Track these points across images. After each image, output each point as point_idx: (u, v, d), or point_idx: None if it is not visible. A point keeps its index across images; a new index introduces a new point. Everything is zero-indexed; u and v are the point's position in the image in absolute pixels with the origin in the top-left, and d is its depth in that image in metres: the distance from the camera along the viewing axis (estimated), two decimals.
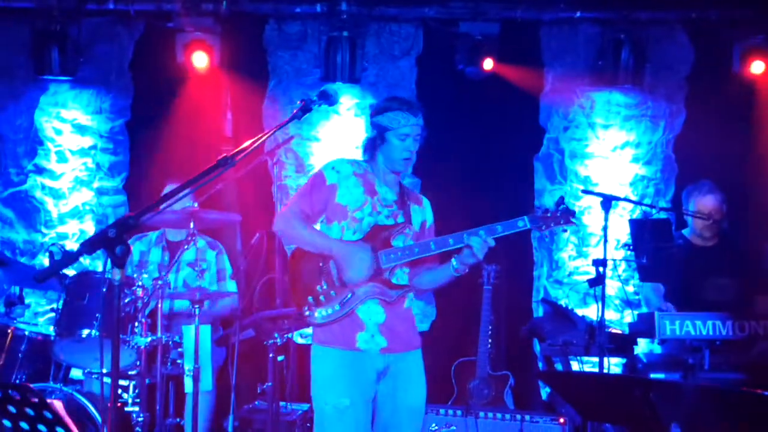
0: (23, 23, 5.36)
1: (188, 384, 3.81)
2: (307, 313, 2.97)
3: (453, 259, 2.98)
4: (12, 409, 2.22)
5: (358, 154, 3.23)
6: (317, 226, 3.10)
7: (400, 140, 3.00)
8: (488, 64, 5.18)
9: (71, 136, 5.58)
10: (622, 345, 4.39)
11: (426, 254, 2.97)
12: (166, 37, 5.30)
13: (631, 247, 4.24)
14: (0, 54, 5.49)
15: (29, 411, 2.22)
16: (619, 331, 4.69)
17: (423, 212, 3.18)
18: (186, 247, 3.92)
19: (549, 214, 2.97)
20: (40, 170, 5.57)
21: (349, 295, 2.95)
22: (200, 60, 5.23)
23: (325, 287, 2.97)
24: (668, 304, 4.23)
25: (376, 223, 3.01)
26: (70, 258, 1.95)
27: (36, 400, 2.17)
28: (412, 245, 3.00)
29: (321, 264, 2.98)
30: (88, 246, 1.91)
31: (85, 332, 3.71)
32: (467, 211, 5.37)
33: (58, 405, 2.40)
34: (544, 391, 5.13)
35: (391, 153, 3.03)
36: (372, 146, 3.08)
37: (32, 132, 5.56)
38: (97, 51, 5.48)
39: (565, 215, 2.98)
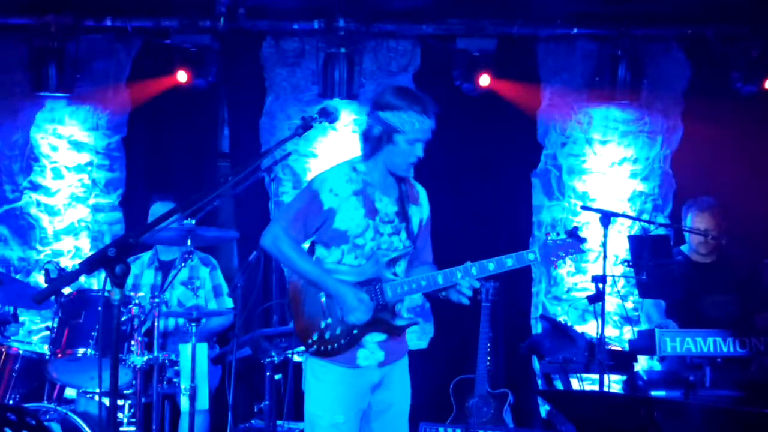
0: (20, 40, 5.36)
1: (184, 403, 3.77)
2: (312, 348, 2.87)
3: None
4: (8, 431, 2.18)
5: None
6: (307, 244, 2.95)
7: (410, 144, 2.78)
8: (485, 80, 5.19)
9: (67, 152, 5.55)
10: (622, 362, 4.36)
11: (432, 288, 2.84)
12: (163, 53, 5.29)
13: (631, 264, 4.22)
14: None
15: None
16: (619, 348, 4.67)
17: (421, 210, 3.03)
18: (183, 265, 3.89)
19: (559, 242, 2.81)
20: (35, 187, 5.54)
21: (355, 332, 2.86)
22: (197, 77, 5.22)
23: (330, 323, 2.86)
24: (669, 321, 4.21)
25: (379, 247, 2.88)
26: (69, 278, 1.92)
27: (33, 422, 2.13)
28: (419, 278, 2.84)
29: (323, 300, 2.87)
30: (88, 266, 1.88)
31: (81, 351, 3.66)
32: (465, 229, 5.38)
33: (56, 428, 2.36)
34: (544, 409, 5.09)
35: (395, 156, 2.82)
36: (375, 144, 2.82)
37: (28, 148, 5.54)
38: (95, 67, 5.47)
39: (575, 244, 2.81)
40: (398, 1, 5.21)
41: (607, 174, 5.48)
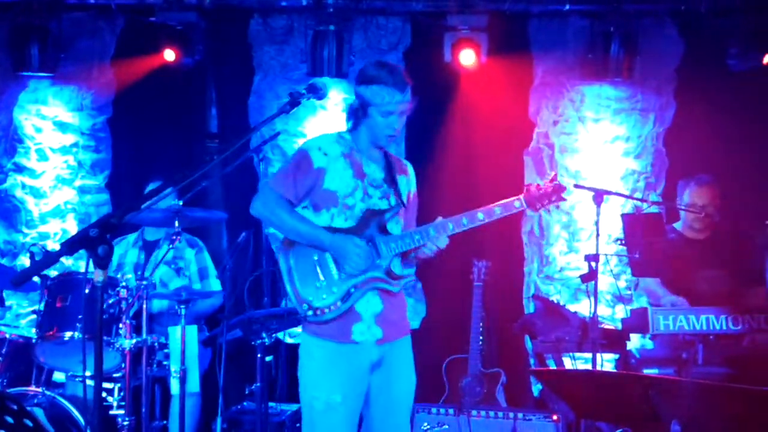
0: (3, 19, 5.23)
1: (174, 386, 3.73)
2: (308, 312, 2.80)
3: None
4: None
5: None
6: (302, 212, 2.91)
7: (383, 117, 2.83)
8: (475, 57, 5.12)
9: (52, 133, 5.46)
10: (614, 341, 4.35)
11: (425, 241, 2.84)
12: (148, 31, 5.18)
13: (623, 242, 4.20)
14: None
15: (8, 419, 2.13)
16: (612, 327, 4.66)
17: (408, 182, 3.06)
18: (169, 246, 3.83)
19: (542, 191, 2.95)
20: (20, 169, 5.45)
21: (351, 290, 2.80)
22: (184, 55, 5.12)
23: (324, 283, 2.81)
24: (680, 298, 4.16)
25: (369, 208, 2.86)
26: (50, 259, 1.86)
27: (15, 407, 2.09)
28: (412, 232, 2.87)
29: (316, 258, 2.82)
30: (69, 246, 1.82)
31: (68, 335, 3.61)
32: (456, 207, 5.31)
33: (39, 413, 2.32)
34: (536, 388, 5.08)
35: (373, 128, 2.87)
36: (355, 117, 2.89)
37: (11, 130, 5.43)
38: (78, 46, 5.37)
39: (557, 191, 2.96)
40: None
41: (599, 152, 5.44)
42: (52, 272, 4.06)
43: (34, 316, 3.93)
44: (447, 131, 5.23)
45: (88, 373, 3.42)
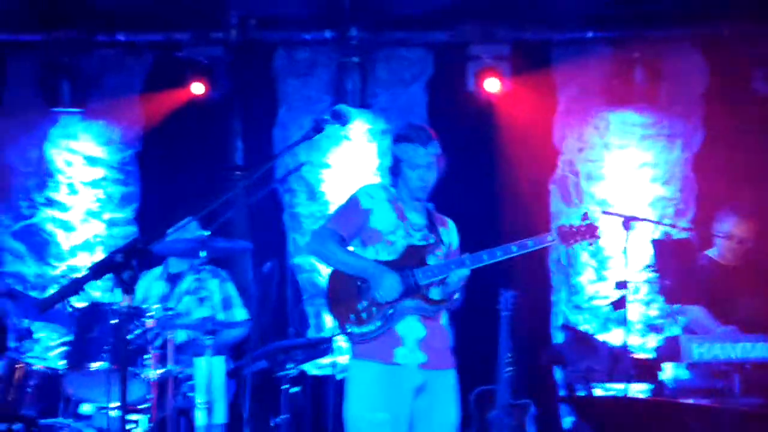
0: (33, 56, 5.38)
1: (200, 417, 3.70)
2: (349, 330, 3.02)
3: None
4: None
5: (372, 179, 3.23)
6: (351, 248, 3.17)
7: (413, 170, 3.10)
8: (499, 85, 5.13)
9: (82, 167, 5.55)
10: (646, 370, 4.25)
11: (460, 269, 3.02)
12: (175, 66, 5.28)
13: (655, 268, 4.13)
14: (11, 87, 5.51)
15: None
16: (644, 356, 4.56)
17: (449, 234, 3.26)
18: (193, 274, 3.84)
19: (575, 229, 3.05)
20: (50, 203, 5.54)
21: (390, 311, 3.00)
22: (209, 88, 5.21)
23: (366, 305, 3.02)
24: (731, 326, 4.05)
25: (410, 244, 3.08)
26: (76, 284, 1.87)
27: None
28: (448, 261, 3.07)
29: (359, 283, 3.05)
30: (95, 271, 1.84)
31: (94, 365, 3.62)
32: (482, 237, 5.27)
33: None
34: (567, 420, 4.97)
35: (407, 182, 3.15)
36: (393, 174, 3.22)
37: (43, 164, 5.54)
38: (107, 82, 5.48)
39: (591, 230, 3.06)
40: (410, 9, 5.18)
41: (626, 179, 5.39)
42: (80, 304, 4.09)
43: (63, 348, 3.95)
44: (470, 159, 5.21)
45: (113, 404, 3.42)
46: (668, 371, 4.51)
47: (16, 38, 5.35)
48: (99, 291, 5.00)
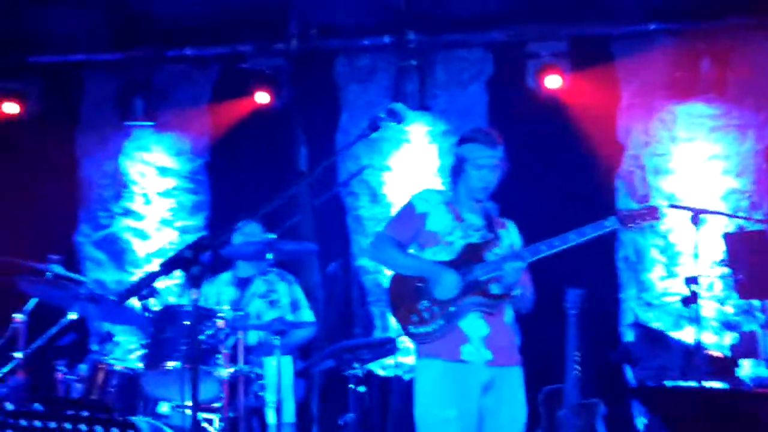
0: (109, 74, 5.66)
1: (271, 416, 3.80)
2: (412, 330, 3.05)
3: None
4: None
5: (432, 182, 3.26)
6: (411, 250, 3.21)
7: (477, 170, 3.12)
8: (560, 82, 5.08)
9: (155, 178, 5.80)
10: (722, 368, 4.13)
11: (518, 261, 3.01)
12: (240, 77, 5.46)
13: (727, 263, 4.01)
14: (88, 105, 5.81)
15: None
16: (719, 354, 4.42)
17: (509, 235, 3.26)
18: (261, 278, 3.94)
19: (635, 213, 3.01)
20: (126, 212, 5.80)
21: (452, 308, 3.02)
22: (273, 97, 5.36)
23: (427, 304, 3.05)
24: None
25: (468, 243, 3.11)
26: (149, 279, 1.99)
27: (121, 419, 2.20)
28: (505, 255, 3.06)
29: (419, 284, 3.08)
30: (166, 266, 1.95)
31: (170, 364, 3.76)
32: (546, 235, 5.21)
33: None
34: (640, 420, 4.85)
35: (468, 182, 3.16)
36: (454, 175, 3.23)
37: (118, 176, 5.81)
38: (177, 95, 5.72)
39: (652, 212, 3.00)
40: (465, 10, 5.20)
41: (695, 172, 5.24)
42: (155, 307, 4.26)
43: (142, 351, 4.12)
44: (534, 157, 5.18)
45: (187, 403, 3.54)
46: (746, 368, 4.38)
47: (93, 58, 5.63)
48: (173, 296, 5.20)
